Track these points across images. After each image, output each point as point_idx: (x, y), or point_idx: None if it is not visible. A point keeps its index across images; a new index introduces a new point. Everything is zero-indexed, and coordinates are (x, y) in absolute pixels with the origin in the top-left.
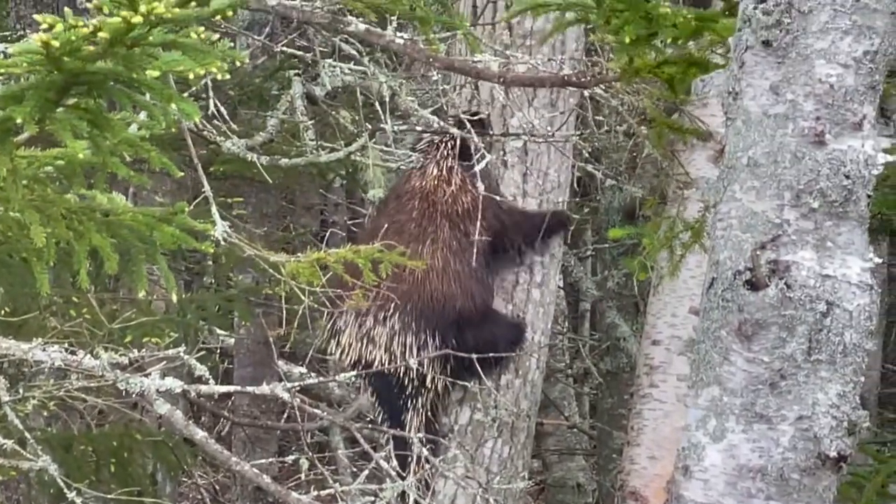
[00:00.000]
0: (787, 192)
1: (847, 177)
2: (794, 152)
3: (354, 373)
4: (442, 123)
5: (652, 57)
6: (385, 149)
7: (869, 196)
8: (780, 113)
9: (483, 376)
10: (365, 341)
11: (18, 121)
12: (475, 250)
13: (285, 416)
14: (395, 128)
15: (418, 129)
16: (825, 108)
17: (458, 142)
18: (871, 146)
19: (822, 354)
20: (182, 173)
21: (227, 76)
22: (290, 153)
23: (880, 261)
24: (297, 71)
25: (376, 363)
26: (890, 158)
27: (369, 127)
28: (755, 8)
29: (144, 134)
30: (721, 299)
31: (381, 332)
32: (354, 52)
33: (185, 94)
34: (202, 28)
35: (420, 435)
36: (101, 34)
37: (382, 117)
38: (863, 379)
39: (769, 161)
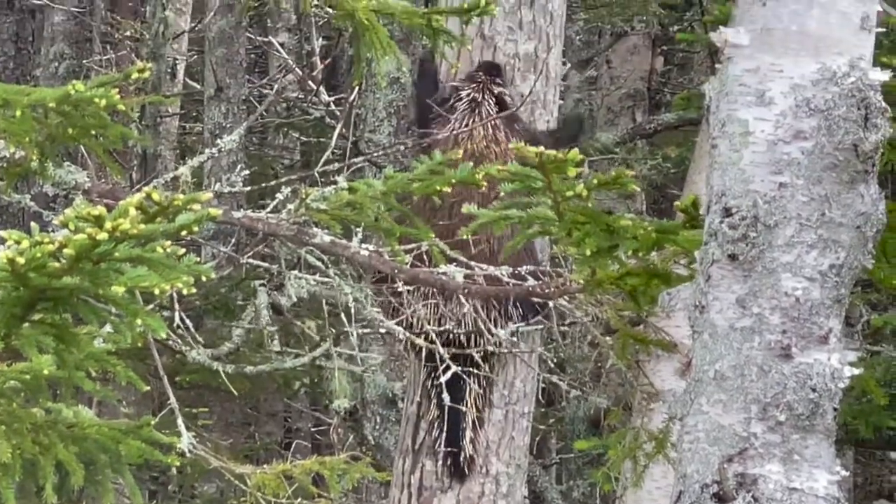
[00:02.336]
0: (753, 406)
1: (814, 390)
2: (760, 366)
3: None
4: (407, 334)
5: (614, 269)
6: (350, 353)
7: (835, 409)
8: (746, 326)
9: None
10: (446, 321)
11: None
12: None
13: None
14: (360, 333)
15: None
16: (791, 322)
17: (495, 96)
18: (837, 359)
19: None
20: (148, 387)
21: (193, 290)
22: (256, 361)
23: (847, 473)
24: (262, 281)
25: (460, 340)
26: (856, 372)
27: (333, 331)
28: (721, 222)
29: (110, 348)
30: None
31: (464, 311)
32: (319, 264)
33: (151, 306)
34: (168, 242)
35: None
36: (66, 250)
37: (347, 326)
38: None
39: (736, 374)
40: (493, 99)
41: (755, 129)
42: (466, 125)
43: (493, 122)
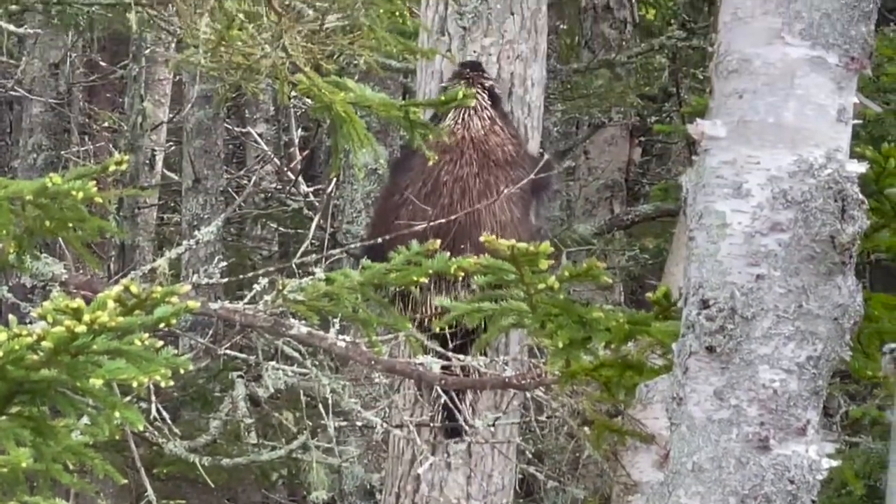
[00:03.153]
0: (732, 498)
1: (792, 482)
2: (738, 458)
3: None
4: (385, 424)
5: (589, 360)
6: (328, 445)
7: (814, 501)
8: (724, 418)
9: None
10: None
11: None
12: (526, 198)
13: None
14: (337, 425)
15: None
16: (769, 414)
17: (487, 89)
18: (815, 451)
19: None
20: (125, 480)
21: (171, 382)
22: (233, 453)
23: None
24: (240, 372)
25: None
26: (834, 463)
27: (310, 423)
28: (699, 314)
29: (88, 440)
30: None
31: (467, 297)
32: (297, 355)
33: (129, 398)
34: (146, 335)
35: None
36: (44, 343)
37: (325, 417)
38: None
39: (714, 466)
40: (486, 92)
41: (732, 220)
42: (462, 119)
43: (489, 114)
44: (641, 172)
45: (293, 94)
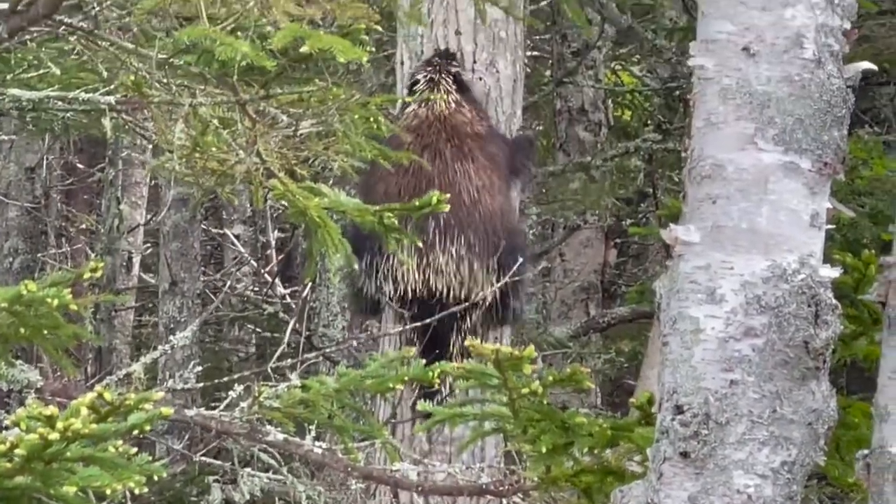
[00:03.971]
0: None
1: None
2: None
3: None
4: None
5: (569, 466)
6: None
7: None
8: None
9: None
10: (429, 272)
11: None
12: (502, 172)
13: None
14: None
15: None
16: None
17: (452, 75)
18: None
19: None
20: None
21: (146, 489)
22: None
23: None
24: (216, 477)
25: (442, 291)
26: None
27: None
28: (673, 419)
29: None
30: None
31: (446, 260)
32: (273, 462)
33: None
34: (120, 441)
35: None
36: (18, 450)
37: None
38: None
39: None
40: (451, 78)
41: (706, 326)
42: (426, 103)
43: (454, 98)
44: (618, 273)
45: (269, 196)
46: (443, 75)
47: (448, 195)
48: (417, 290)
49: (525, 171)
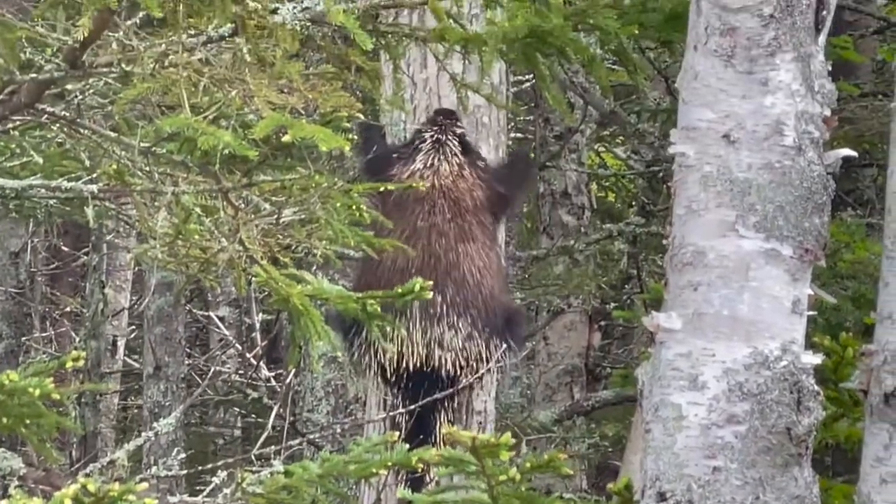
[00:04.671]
0: None
1: None
2: None
3: None
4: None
5: None
6: None
7: None
8: None
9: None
10: (433, 345)
11: None
12: (498, 241)
13: None
14: None
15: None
16: None
17: (458, 136)
18: None
19: None
20: None
21: None
22: None
23: None
24: None
25: (447, 367)
26: None
27: None
28: None
29: None
30: None
31: (451, 336)
32: None
33: None
34: None
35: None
36: None
37: None
38: None
39: None
40: (457, 139)
41: (688, 413)
42: (432, 163)
43: (458, 161)
44: (602, 356)
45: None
46: (448, 136)
47: (451, 272)
48: (419, 364)
49: (516, 202)
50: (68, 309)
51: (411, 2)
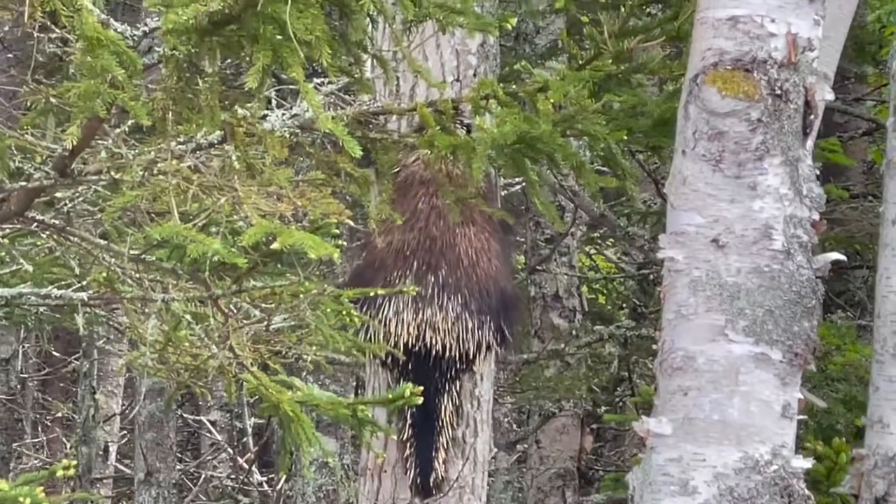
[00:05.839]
0: None
1: None
2: None
3: None
4: None
5: None
6: None
7: None
8: None
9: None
10: (424, 327)
11: None
12: (497, 230)
13: None
14: None
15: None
16: None
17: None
18: None
19: None
20: None
21: None
22: None
23: None
24: None
25: (437, 348)
26: None
27: None
28: None
29: None
30: None
31: (442, 318)
32: None
33: None
34: None
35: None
36: None
37: None
38: None
39: None
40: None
41: None
42: (433, 206)
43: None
44: (595, 458)
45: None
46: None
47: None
48: (411, 345)
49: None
50: (59, 414)
51: (400, 109)
